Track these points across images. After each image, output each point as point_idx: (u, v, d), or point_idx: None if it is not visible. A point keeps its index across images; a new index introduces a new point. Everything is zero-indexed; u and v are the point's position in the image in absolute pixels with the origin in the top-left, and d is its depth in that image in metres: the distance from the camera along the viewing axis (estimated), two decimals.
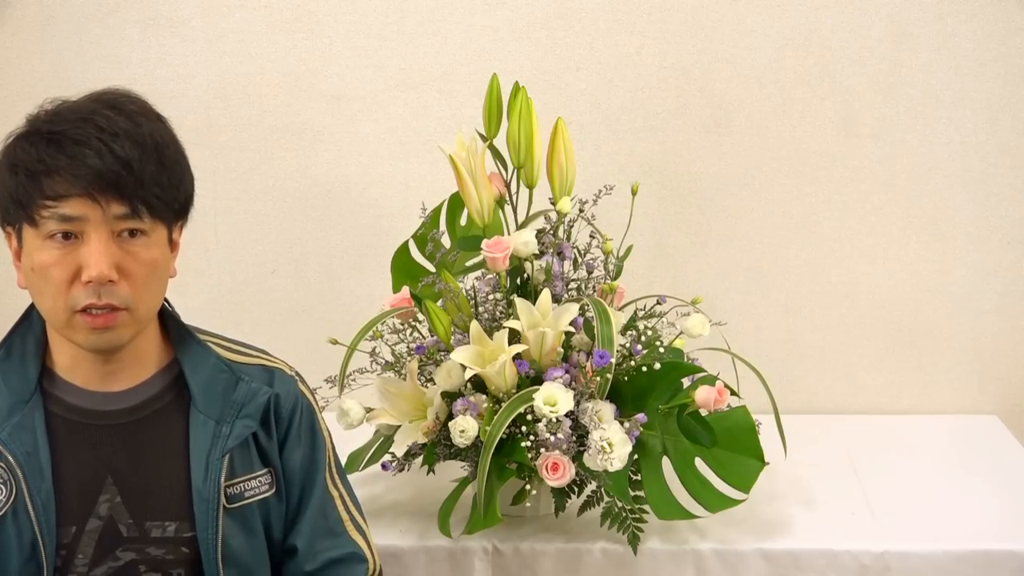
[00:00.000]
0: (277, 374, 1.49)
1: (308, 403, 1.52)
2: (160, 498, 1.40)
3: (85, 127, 1.30)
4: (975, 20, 2.17)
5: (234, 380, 1.45)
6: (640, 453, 1.74)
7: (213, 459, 1.40)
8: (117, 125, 1.31)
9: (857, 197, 2.26)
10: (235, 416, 1.43)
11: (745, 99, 2.23)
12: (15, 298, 1.46)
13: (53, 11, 2.24)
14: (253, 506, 1.44)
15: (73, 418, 1.38)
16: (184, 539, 1.40)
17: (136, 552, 1.39)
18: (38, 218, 1.30)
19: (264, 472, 1.46)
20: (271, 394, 1.46)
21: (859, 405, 2.35)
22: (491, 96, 1.84)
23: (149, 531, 1.39)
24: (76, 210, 1.29)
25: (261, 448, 1.46)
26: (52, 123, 1.32)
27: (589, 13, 2.21)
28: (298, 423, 1.49)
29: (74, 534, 1.37)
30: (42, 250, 1.31)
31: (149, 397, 1.41)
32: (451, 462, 1.81)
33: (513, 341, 1.72)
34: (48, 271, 1.31)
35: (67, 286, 1.31)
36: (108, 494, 1.38)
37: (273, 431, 1.47)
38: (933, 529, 1.82)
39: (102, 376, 1.39)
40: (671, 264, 2.30)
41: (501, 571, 1.79)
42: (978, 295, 2.29)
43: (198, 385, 1.43)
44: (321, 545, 1.49)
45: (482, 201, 1.82)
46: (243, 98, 2.27)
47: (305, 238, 2.30)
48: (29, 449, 1.35)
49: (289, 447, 1.48)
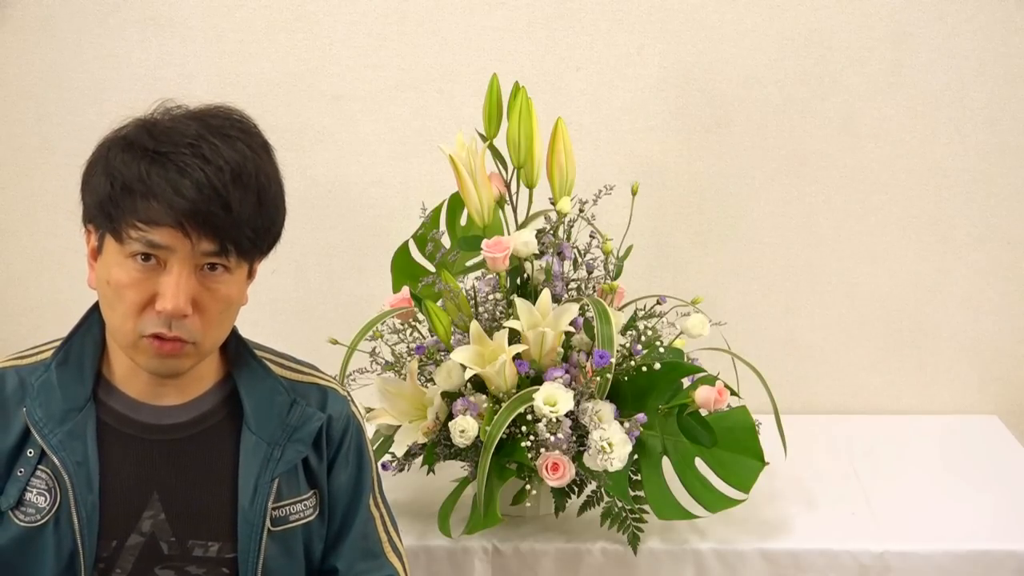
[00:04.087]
0: (331, 395, 1.46)
1: (358, 424, 1.48)
2: (205, 518, 1.36)
3: (190, 154, 1.25)
4: (975, 20, 2.17)
5: (289, 401, 1.41)
6: (640, 453, 1.74)
7: (262, 482, 1.37)
8: (222, 156, 1.26)
9: (857, 197, 2.26)
10: (287, 439, 1.39)
11: (745, 99, 2.23)
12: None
13: (53, 11, 2.24)
14: (297, 529, 1.41)
15: (125, 430, 1.35)
16: (225, 560, 1.37)
17: (175, 571, 1.35)
18: (125, 236, 1.25)
19: (310, 495, 1.42)
20: (324, 419, 1.43)
21: (859, 405, 2.35)
22: (491, 96, 1.84)
23: (191, 550, 1.35)
24: (165, 239, 1.25)
25: (310, 470, 1.42)
26: (158, 142, 1.26)
27: (589, 13, 2.21)
28: (348, 445, 1.45)
29: (114, 548, 1.33)
30: (122, 267, 1.27)
31: (202, 413, 1.37)
32: (451, 462, 1.81)
33: (513, 341, 1.72)
34: (124, 291, 1.27)
35: (140, 310, 1.27)
36: (153, 510, 1.34)
37: (324, 453, 1.43)
38: (933, 529, 1.82)
39: (156, 389, 1.35)
40: (671, 264, 2.30)
41: (501, 571, 1.79)
42: (978, 295, 2.29)
43: (252, 405, 1.39)
44: (360, 567, 1.46)
45: (482, 201, 1.82)
46: (243, 98, 2.25)
47: (305, 238, 2.30)
48: (79, 459, 1.32)
49: (337, 468, 1.44)
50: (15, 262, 2.35)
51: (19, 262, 2.35)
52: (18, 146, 2.29)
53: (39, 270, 2.34)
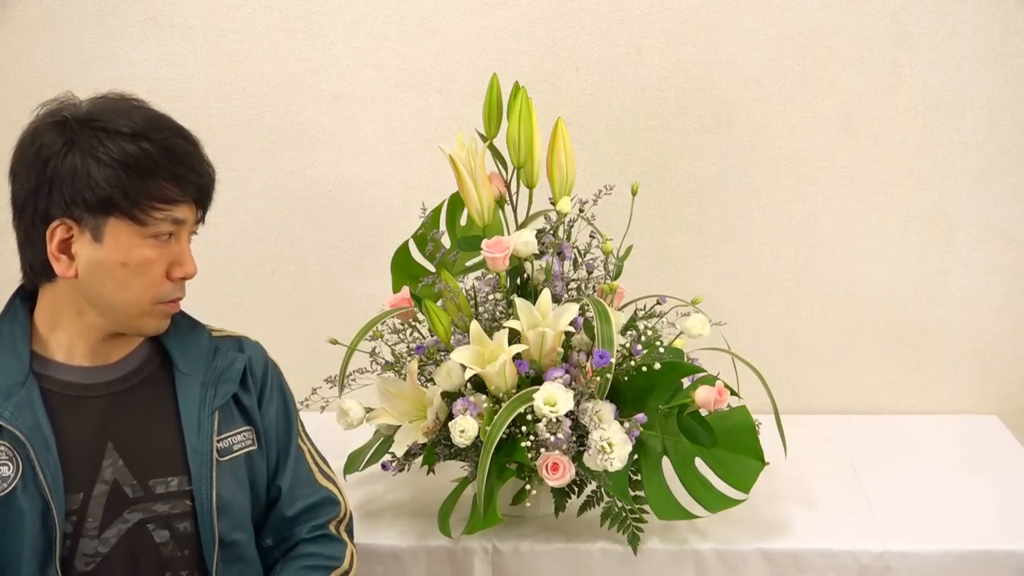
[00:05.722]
0: (245, 342, 1.63)
1: (275, 366, 1.65)
2: (159, 456, 1.49)
3: (181, 138, 1.45)
4: (975, 20, 2.17)
5: (212, 347, 1.58)
6: (640, 453, 1.74)
7: (203, 416, 1.52)
8: (191, 141, 1.46)
9: (857, 197, 2.26)
10: (217, 380, 1.55)
11: (745, 99, 2.23)
12: None
13: (53, 11, 2.24)
14: (241, 459, 1.56)
15: (69, 393, 1.47)
16: (186, 492, 1.49)
17: (143, 511, 1.47)
18: (147, 218, 1.41)
19: (247, 428, 1.58)
20: (245, 359, 1.59)
21: (859, 405, 2.35)
22: (491, 96, 1.84)
23: (154, 488, 1.48)
24: (183, 214, 1.45)
25: (242, 406, 1.58)
26: (149, 129, 1.42)
27: (589, 13, 2.21)
28: (270, 383, 1.62)
29: (82, 500, 1.44)
30: (143, 247, 1.43)
31: (136, 367, 1.52)
32: (451, 462, 1.81)
33: (513, 341, 1.72)
34: (148, 267, 1.43)
35: (161, 281, 1.45)
36: (110, 459, 1.47)
37: (251, 389, 1.59)
38: (933, 529, 1.82)
39: (101, 352, 1.50)
40: (671, 264, 2.30)
41: (501, 571, 1.79)
42: (978, 295, 2.29)
43: (179, 351, 1.54)
44: (298, 492, 1.62)
45: (482, 201, 1.82)
46: (243, 98, 2.27)
47: (305, 238, 2.30)
48: (31, 425, 1.43)
49: (265, 403, 1.61)
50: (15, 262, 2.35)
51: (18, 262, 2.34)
52: None
53: None
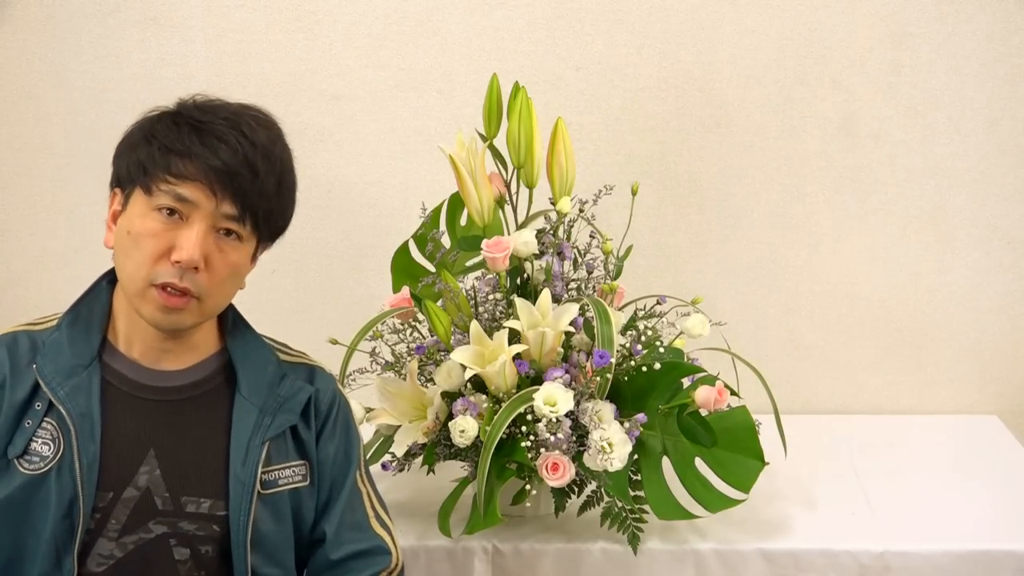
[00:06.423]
0: (318, 372, 1.57)
1: (344, 401, 1.59)
2: (198, 475, 1.45)
3: (228, 126, 1.41)
4: (975, 20, 2.17)
5: (280, 374, 1.52)
6: (640, 453, 1.74)
7: (253, 445, 1.46)
8: (257, 136, 1.42)
9: (857, 197, 2.26)
10: (278, 408, 1.49)
11: (745, 99, 2.23)
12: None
13: (53, 11, 2.24)
14: (285, 494, 1.49)
15: (125, 389, 1.44)
16: (217, 517, 1.45)
17: (168, 526, 1.43)
18: (155, 188, 1.38)
19: (299, 463, 1.51)
20: (312, 391, 1.53)
21: (859, 405, 2.35)
22: (491, 96, 1.84)
23: (184, 505, 1.44)
24: (191, 194, 1.38)
25: (299, 440, 1.51)
26: (201, 113, 1.42)
27: (589, 13, 2.21)
28: (335, 418, 1.55)
29: (111, 500, 1.41)
30: (146, 218, 1.39)
31: (198, 379, 1.48)
32: (451, 462, 1.81)
33: (513, 341, 1.72)
34: (144, 240, 1.38)
35: (155, 259, 1.38)
36: (148, 466, 1.43)
37: (312, 424, 1.53)
38: (933, 529, 1.82)
39: (157, 353, 1.46)
40: (671, 264, 2.30)
41: (501, 571, 1.79)
42: (978, 295, 2.29)
43: (245, 372, 1.49)
44: (347, 536, 1.53)
45: (482, 201, 1.82)
46: (243, 98, 2.25)
47: (305, 238, 2.30)
48: (83, 411, 1.40)
49: (324, 439, 1.54)
50: (15, 262, 2.35)
51: (19, 262, 2.35)
52: (18, 146, 2.29)
53: (39, 270, 2.34)
